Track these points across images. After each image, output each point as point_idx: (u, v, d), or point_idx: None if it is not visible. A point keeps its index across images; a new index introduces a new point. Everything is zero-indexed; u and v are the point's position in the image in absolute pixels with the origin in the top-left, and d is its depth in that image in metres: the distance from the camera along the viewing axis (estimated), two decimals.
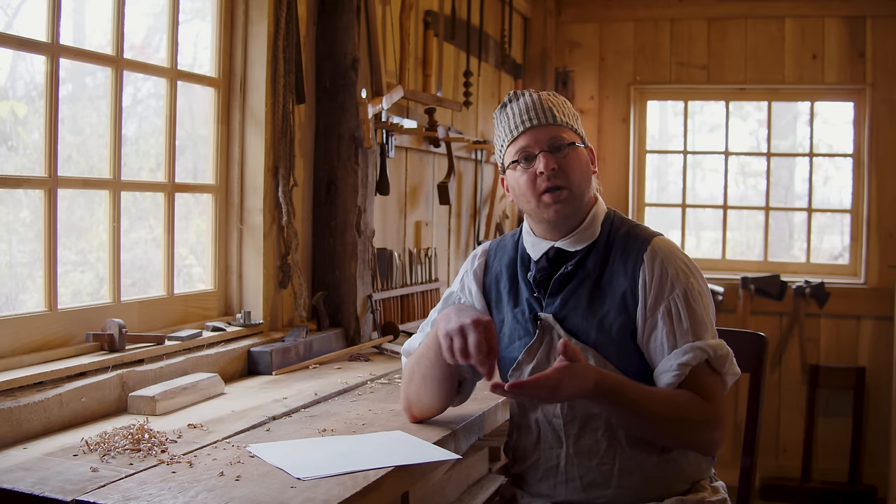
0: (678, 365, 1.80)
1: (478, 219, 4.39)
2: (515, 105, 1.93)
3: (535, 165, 1.88)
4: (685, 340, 1.81)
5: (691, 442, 1.85)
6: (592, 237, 1.93)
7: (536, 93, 1.94)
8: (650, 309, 1.84)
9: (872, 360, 4.87)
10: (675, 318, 1.82)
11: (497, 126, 1.98)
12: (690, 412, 1.79)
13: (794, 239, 5.47)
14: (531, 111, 1.90)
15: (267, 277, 2.77)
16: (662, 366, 1.82)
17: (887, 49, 4.82)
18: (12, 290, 2.17)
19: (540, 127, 1.89)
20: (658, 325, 1.83)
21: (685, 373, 1.80)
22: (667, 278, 1.85)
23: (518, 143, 1.91)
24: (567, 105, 1.97)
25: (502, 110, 1.96)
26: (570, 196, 1.88)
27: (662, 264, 1.86)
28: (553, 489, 1.92)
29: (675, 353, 1.81)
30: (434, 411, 2.04)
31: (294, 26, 2.77)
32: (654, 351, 1.84)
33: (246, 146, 2.77)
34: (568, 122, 1.92)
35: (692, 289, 1.85)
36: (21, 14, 2.19)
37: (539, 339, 1.91)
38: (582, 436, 1.88)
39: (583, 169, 1.91)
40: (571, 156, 1.89)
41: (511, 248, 2.04)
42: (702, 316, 1.85)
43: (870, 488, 4.76)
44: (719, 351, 1.83)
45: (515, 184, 1.93)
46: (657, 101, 5.45)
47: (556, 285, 1.91)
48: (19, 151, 2.19)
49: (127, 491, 1.51)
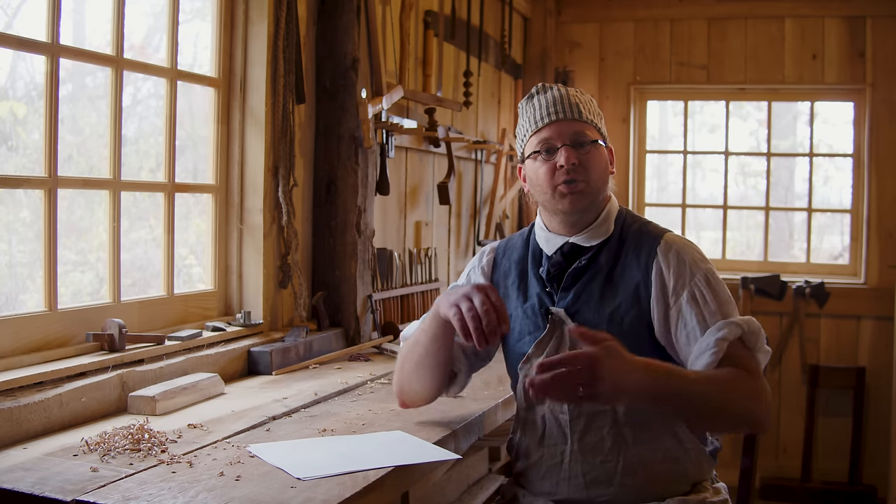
0: (716, 341, 1.77)
1: (478, 219, 4.38)
2: (542, 97, 1.95)
3: (556, 158, 1.90)
4: (716, 319, 1.80)
5: (744, 419, 1.79)
6: (607, 233, 1.95)
7: (565, 87, 1.97)
8: (673, 298, 1.84)
9: (872, 360, 4.86)
10: (702, 301, 1.83)
11: (522, 115, 1.99)
12: (740, 386, 1.73)
13: (794, 239, 5.47)
14: (558, 104, 1.92)
15: (267, 277, 2.77)
16: (698, 347, 1.79)
17: (887, 49, 4.82)
18: (12, 290, 2.17)
19: (565, 121, 1.91)
20: (685, 312, 1.83)
21: (723, 348, 1.76)
22: (685, 266, 1.86)
23: (541, 135, 1.92)
24: (593, 103, 1.99)
25: (529, 101, 1.98)
26: (586, 189, 1.90)
27: (678, 255, 1.88)
28: (556, 487, 1.92)
29: (709, 332, 1.79)
30: (424, 399, 2.04)
31: (294, 26, 2.77)
32: (686, 338, 1.82)
33: (246, 146, 2.77)
34: (593, 119, 1.95)
35: (712, 273, 1.87)
36: (21, 14, 2.19)
37: (549, 334, 1.92)
38: (588, 432, 1.89)
39: (602, 167, 1.93)
40: (593, 153, 1.92)
41: (521, 245, 2.06)
42: (727, 296, 1.86)
43: (870, 488, 4.76)
44: (751, 326, 1.82)
45: (534, 174, 1.94)
46: (657, 101, 5.45)
47: (569, 279, 1.93)
48: (19, 151, 2.19)
49: (127, 491, 1.51)
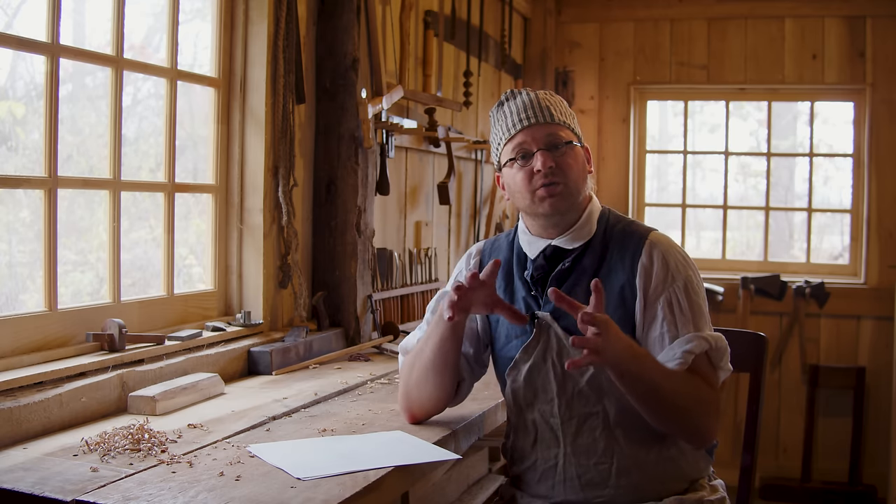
0: (683, 353, 1.80)
1: (478, 219, 4.38)
2: (513, 103, 1.94)
3: (533, 163, 1.88)
4: (686, 330, 1.82)
5: (695, 425, 1.83)
6: (589, 234, 1.93)
7: (534, 91, 1.95)
8: (650, 300, 1.84)
9: (872, 360, 4.86)
10: (677, 309, 1.83)
11: (494, 124, 1.98)
12: (700, 392, 1.80)
13: (794, 239, 5.47)
14: (529, 109, 1.91)
15: (267, 277, 2.77)
16: (665, 354, 1.82)
17: (887, 49, 4.82)
18: (12, 290, 2.17)
19: (538, 125, 1.90)
20: (658, 316, 1.84)
21: (688, 361, 1.80)
22: (667, 270, 1.86)
23: (515, 141, 1.91)
24: (564, 104, 1.98)
25: (499, 108, 1.96)
26: (565, 191, 1.88)
27: (662, 257, 1.87)
28: (552, 489, 1.92)
29: (678, 342, 1.81)
30: (433, 408, 2.02)
31: (294, 26, 2.77)
32: (654, 341, 1.84)
33: (246, 146, 2.77)
34: (565, 120, 1.93)
35: (692, 281, 1.87)
36: (21, 14, 2.19)
37: (536, 338, 1.91)
38: (579, 435, 1.88)
39: (579, 168, 1.92)
40: (569, 154, 1.90)
41: (506, 247, 2.04)
42: (702, 308, 1.86)
43: (870, 488, 4.76)
44: (719, 343, 1.85)
45: (512, 181, 1.93)
46: (657, 101, 5.45)
47: (553, 282, 1.91)
48: (19, 151, 2.19)
49: (127, 491, 1.51)
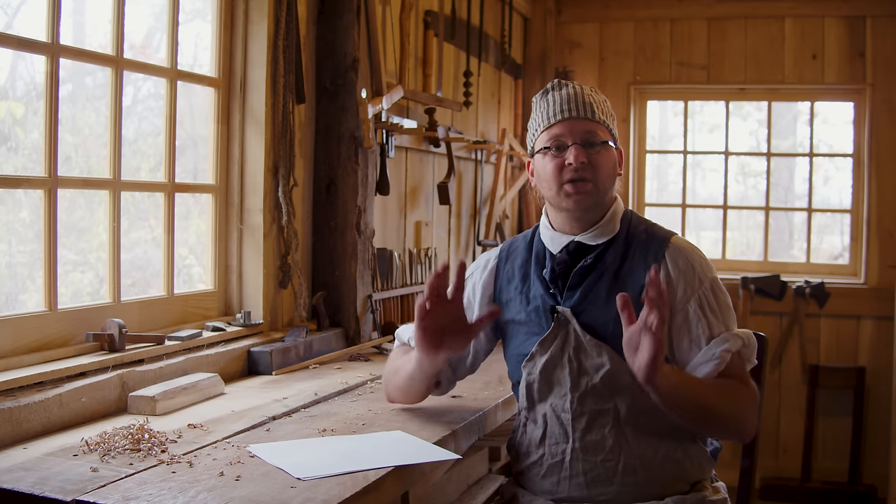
0: (721, 352, 1.84)
1: (478, 219, 4.38)
2: (557, 94, 1.96)
3: (566, 156, 1.91)
4: (720, 330, 1.88)
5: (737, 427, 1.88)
6: (612, 232, 1.96)
7: (580, 86, 1.98)
8: (680, 303, 1.88)
9: (872, 360, 4.86)
10: (709, 310, 1.88)
11: (535, 110, 2.01)
12: (737, 394, 1.85)
13: (794, 239, 5.47)
14: (571, 102, 1.94)
15: (267, 277, 2.77)
16: (702, 356, 1.86)
17: (887, 49, 4.82)
18: (12, 290, 2.17)
19: (577, 119, 1.92)
20: (692, 319, 1.88)
21: (726, 360, 1.84)
22: (693, 273, 1.90)
23: (553, 131, 1.94)
24: (607, 104, 2.00)
25: (543, 96, 1.99)
26: (592, 190, 1.92)
27: (687, 260, 1.91)
28: (556, 485, 1.92)
29: (714, 342, 1.86)
30: (413, 403, 2.18)
31: (294, 26, 2.77)
32: (688, 344, 1.88)
33: (246, 146, 2.77)
34: (605, 120, 1.96)
35: (717, 281, 1.93)
36: (21, 14, 2.19)
37: (554, 332, 1.93)
38: (589, 431, 1.89)
39: (610, 168, 1.95)
40: (602, 153, 1.93)
41: (524, 249, 2.07)
42: (730, 305, 1.93)
43: (870, 488, 4.76)
44: (750, 339, 1.90)
45: (542, 170, 1.96)
46: (657, 101, 5.45)
47: (575, 278, 1.93)
48: (19, 151, 2.19)
49: (127, 491, 1.51)
